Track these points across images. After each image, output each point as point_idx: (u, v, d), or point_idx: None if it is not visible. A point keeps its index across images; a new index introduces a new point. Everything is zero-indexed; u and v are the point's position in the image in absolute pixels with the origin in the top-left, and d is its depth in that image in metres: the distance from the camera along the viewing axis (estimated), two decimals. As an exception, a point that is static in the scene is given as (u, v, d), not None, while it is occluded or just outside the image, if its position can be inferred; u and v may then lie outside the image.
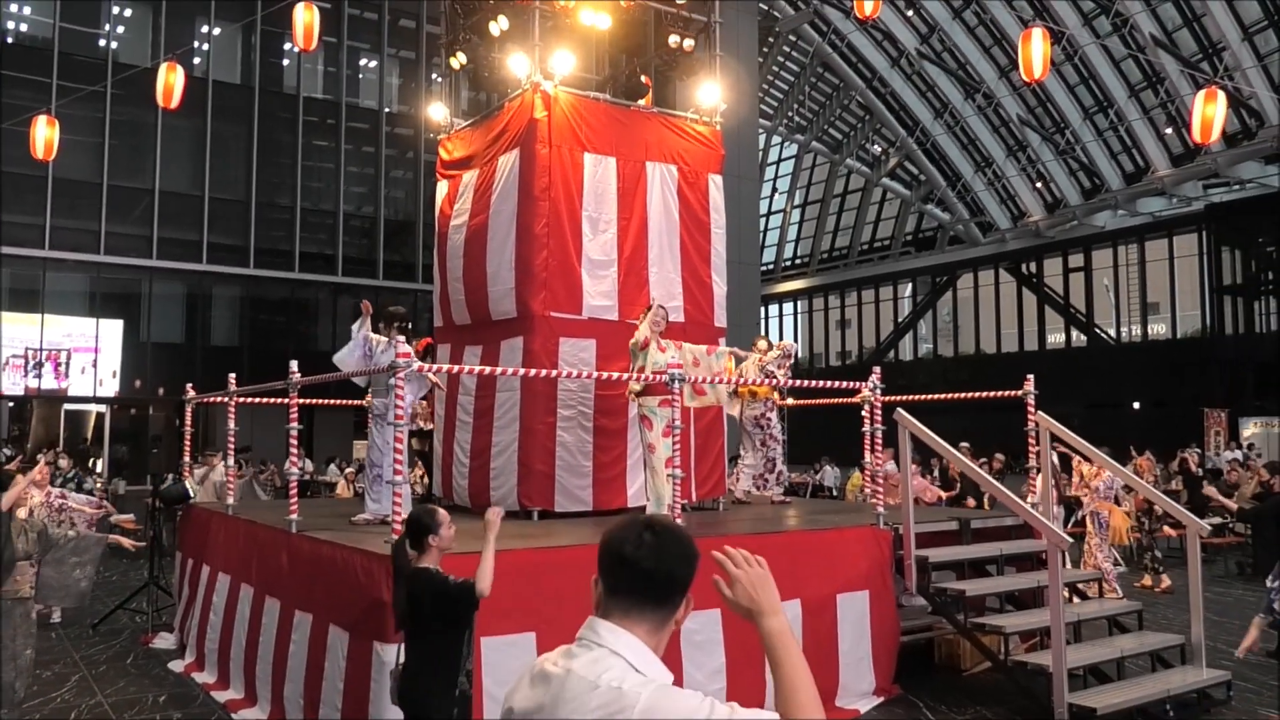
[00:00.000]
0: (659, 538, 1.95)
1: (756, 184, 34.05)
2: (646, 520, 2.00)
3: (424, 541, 4.62)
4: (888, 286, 41.39)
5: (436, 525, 4.63)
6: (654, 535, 1.95)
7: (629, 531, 1.96)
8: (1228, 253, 30.25)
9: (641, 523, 1.98)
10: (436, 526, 4.63)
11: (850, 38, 34.82)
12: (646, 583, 1.92)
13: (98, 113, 24.13)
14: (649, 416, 7.75)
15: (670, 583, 1.94)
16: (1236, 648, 6.78)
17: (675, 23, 9.80)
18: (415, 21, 29.51)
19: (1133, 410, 31.11)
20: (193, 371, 20.94)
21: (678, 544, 1.97)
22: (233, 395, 8.91)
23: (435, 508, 4.89)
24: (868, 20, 9.84)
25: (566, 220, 8.66)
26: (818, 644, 7.15)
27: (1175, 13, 27.45)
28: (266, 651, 7.15)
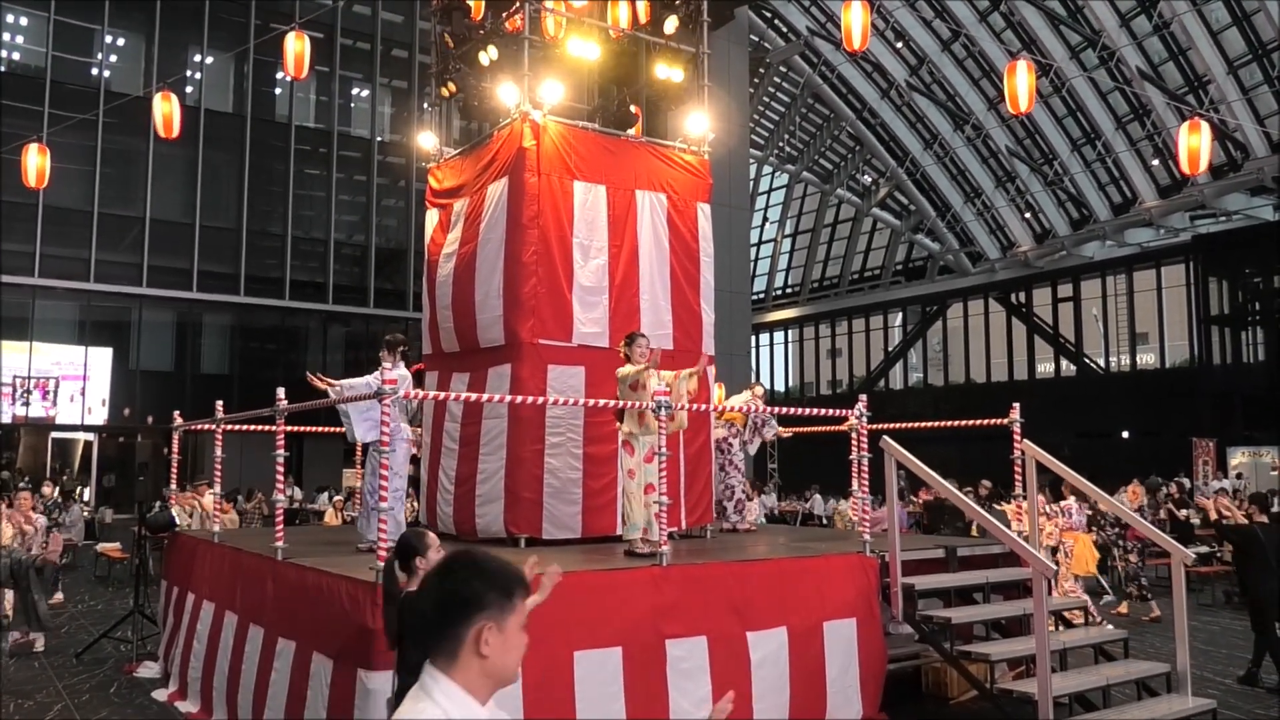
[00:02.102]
0: (426, 583, 2.07)
1: (747, 213, 34.23)
2: (435, 567, 2.10)
3: (411, 564, 4.60)
4: (878, 316, 41.51)
5: (424, 548, 4.60)
6: (423, 582, 2.09)
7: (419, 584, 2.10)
8: (1215, 283, 30.44)
9: (429, 572, 2.10)
10: (424, 549, 4.59)
11: (840, 69, 35.11)
12: (420, 627, 2.04)
13: (89, 141, 24.21)
14: (630, 442, 7.76)
15: (430, 628, 1.99)
16: (1222, 676, 6.78)
17: (664, 53, 9.88)
18: (407, 51, 29.73)
19: (1121, 440, 31.18)
20: (182, 399, 20.90)
21: (428, 590, 2.04)
22: (220, 423, 8.90)
23: (425, 531, 4.87)
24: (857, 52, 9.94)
25: (556, 248, 8.69)
26: (805, 672, 7.13)
27: (1161, 46, 27.76)
28: (249, 680, 7.11)
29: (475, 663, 1.94)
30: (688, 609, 6.71)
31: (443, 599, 1.97)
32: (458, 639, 1.94)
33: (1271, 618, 9.06)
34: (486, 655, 1.94)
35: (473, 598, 1.96)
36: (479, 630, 1.94)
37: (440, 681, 1.93)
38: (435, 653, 1.96)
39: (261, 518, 18.10)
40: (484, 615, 1.95)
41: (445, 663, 1.95)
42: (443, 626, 1.96)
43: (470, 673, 1.94)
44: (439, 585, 2.00)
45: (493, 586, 1.98)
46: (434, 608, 1.98)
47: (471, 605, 1.95)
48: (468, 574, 2.00)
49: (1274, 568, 9.20)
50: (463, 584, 1.98)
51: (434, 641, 1.97)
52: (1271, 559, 9.22)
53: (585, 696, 6.13)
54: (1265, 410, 27.42)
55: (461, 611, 1.95)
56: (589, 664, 6.14)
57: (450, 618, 1.95)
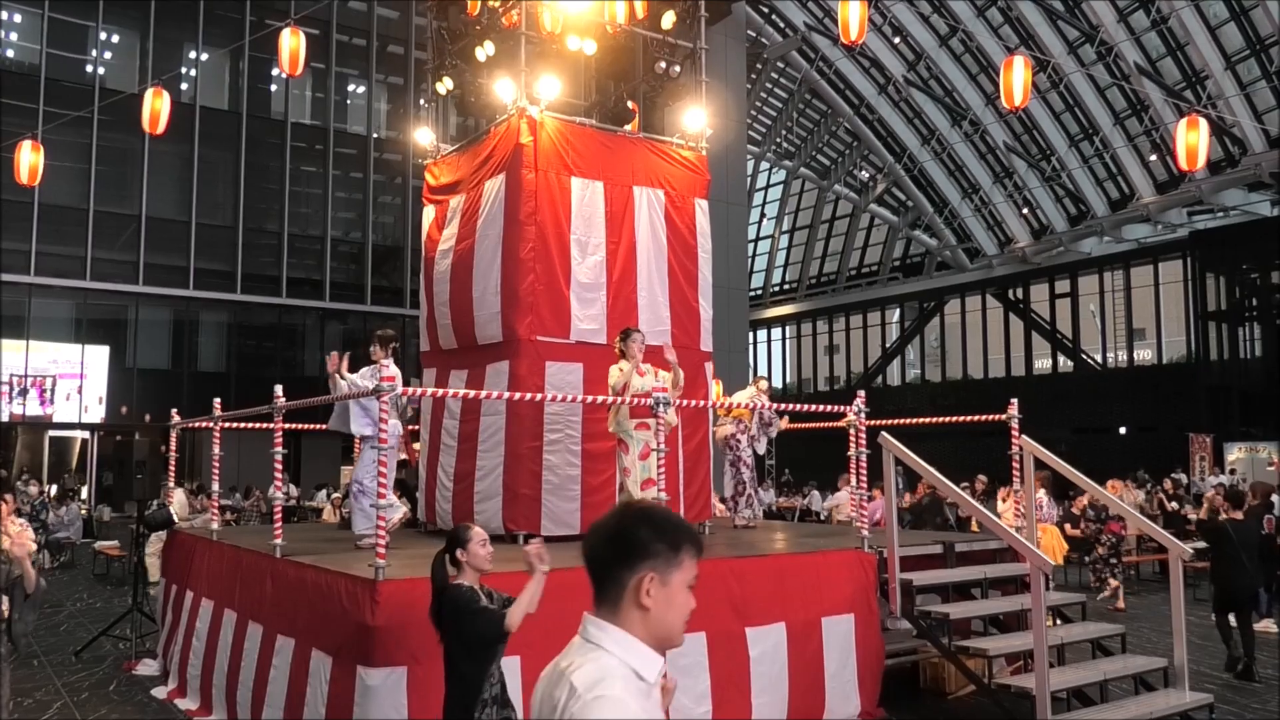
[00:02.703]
0: (600, 523, 2.03)
1: (745, 210, 34.19)
2: (612, 509, 2.08)
3: (455, 556, 4.65)
4: (875, 312, 41.50)
5: (465, 540, 4.64)
6: (597, 523, 2.03)
7: None
8: (1212, 279, 30.44)
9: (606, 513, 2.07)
10: (465, 541, 4.63)
11: (838, 65, 35.08)
12: (590, 569, 1.99)
13: (84, 138, 24.18)
14: (624, 440, 7.75)
15: (599, 565, 1.97)
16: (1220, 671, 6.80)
17: (662, 49, 9.87)
18: (403, 47, 29.68)
19: (1119, 435, 31.21)
20: (179, 397, 20.86)
21: (601, 526, 2.02)
22: (218, 421, 8.88)
23: (471, 524, 4.91)
24: (854, 46, 9.93)
25: (554, 244, 8.69)
26: (803, 667, 7.14)
27: (1159, 42, 27.74)
28: (248, 677, 7.10)
29: (637, 614, 1.93)
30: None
31: (610, 541, 1.97)
32: (620, 584, 1.93)
33: (1243, 610, 9.39)
34: (647, 606, 1.93)
35: (638, 544, 1.94)
36: (641, 579, 1.93)
37: (608, 630, 1.92)
38: (600, 599, 1.95)
39: (259, 515, 18.08)
40: (648, 564, 1.94)
41: (609, 611, 1.94)
42: (609, 569, 1.95)
43: (634, 624, 1.93)
44: (608, 529, 1.99)
45: (660, 537, 1.97)
46: (603, 547, 1.97)
47: (636, 551, 1.94)
48: (637, 520, 1.99)
49: (1244, 563, 9.41)
50: (630, 529, 1.97)
51: (600, 587, 1.96)
52: (1242, 554, 9.42)
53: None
54: (1262, 406, 27.46)
55: (626, 556, 1.94)
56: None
57: (616, 561, 1.94)
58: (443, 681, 4.62)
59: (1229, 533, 9.52)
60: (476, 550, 4.64)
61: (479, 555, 4.65)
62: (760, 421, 10.41)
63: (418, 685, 5.65)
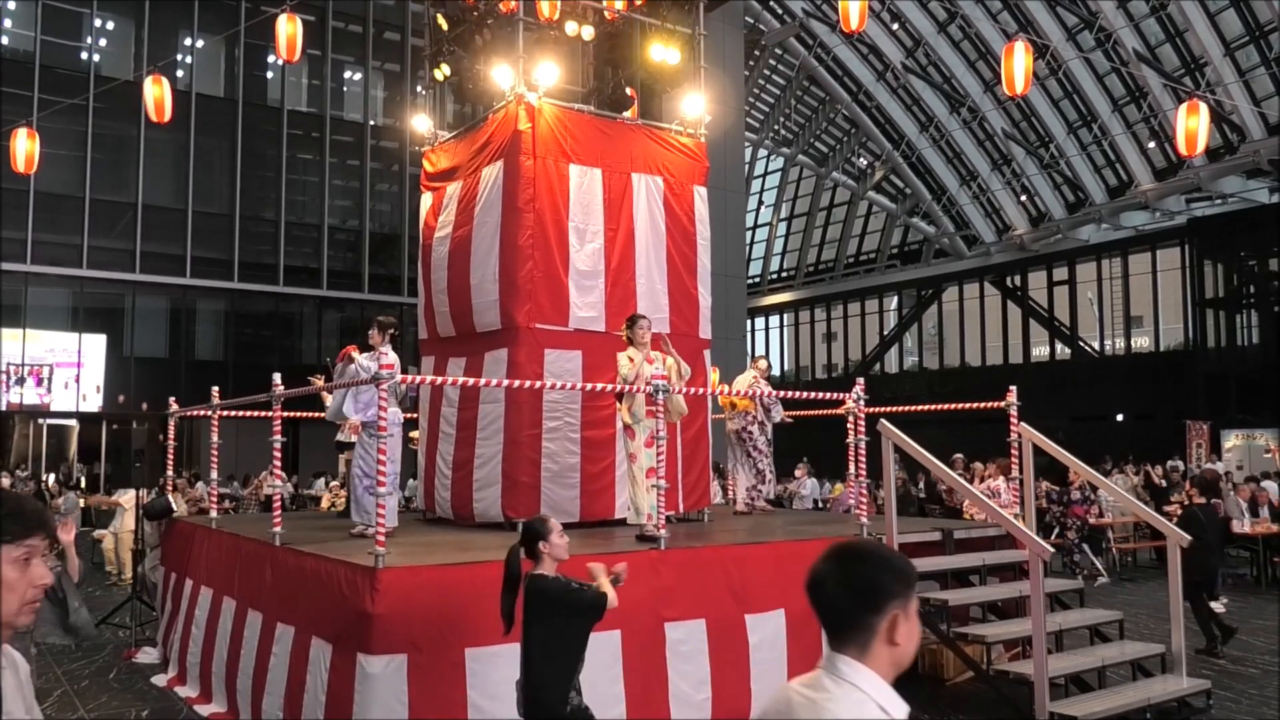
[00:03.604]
0: (828, 567, 2.05)
1: (743, 197, 34.16)
2: (832, 550, 2.09)
3: (536, 549, 4.74)
4: (873, 299, 41.48)
5: (547, 532, 4.76)
6: (826, 564, 2.05)
7: (815, 565, 2.07)
8: (1210, 266, 30.42)
9: (825, 554, 2.08)
10: (547, 533, 4.75)
11: (836, 51, 34.99)
12: (827, 613, 2.03)
13: (80, 126, 24.10)
14: (632, 426, 7.75)
15: (841, 614, 2.02)
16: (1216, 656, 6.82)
17: (660, 35, 9.83)
18: (400, 34, 29.57)
19: (1116, 422, 31.24)
20: (177, 386, 20.88)
21: (833, 575, 2.04)
22: (216, 409, 8.87)
23: (547, 516, 5.03)
24: (853, 34, 9.89)
25: (552, 232, 8.67)
26: (803, 654, 7.14)
27: (1158, 28, 27.67)
28: (247, 664, 7.12)
29: (886, 651, 1.99)
30: (686, 592, 6.72)
31: (857, 588, 2.01)
32: (870, 629, 1.98)
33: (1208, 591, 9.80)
34: (899, 643, 2.00)
35: (884, 588, 2.00)
36: (893, 619, 1.99)
37: (862, 672, 1.98)
38: (845, 642, 2.00)
39: (258, 503, 18.09)
40: (895, 604, 1.99)
41: (857, 651, 1.99)
42: (854, 616, 2.00)
43: (881, 661, 1.99)
44: (849, 574, 2.02)
45: (900, 578, 2.03)
46: (846, 596, 2.01)
47: (884, 594, 2.00)
48: (877, 566, 2.04)
49: (1214, 546, 9.80)
50: (872, 577, 2.02)
51: (845, 631, 2.00)
52: (1210, 538, 9.73)
53: (585, 679, 6.12)
54: (1259, 393, 27.47)
55: (875, 601, 1.99)
56: (588, 647, 6.14)
57: (864, 607, 1.99)
58: (444, 668, 4.63)
59: (1200, 518, 9.79)
60: (557, 541, 4.78)
61: (560, 545, 4.79)
62: (764, 408, 10.40)
63: (418, 673, 5.66)
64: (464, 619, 5.82)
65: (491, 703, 5.79)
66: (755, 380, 10.27)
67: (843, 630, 2.01)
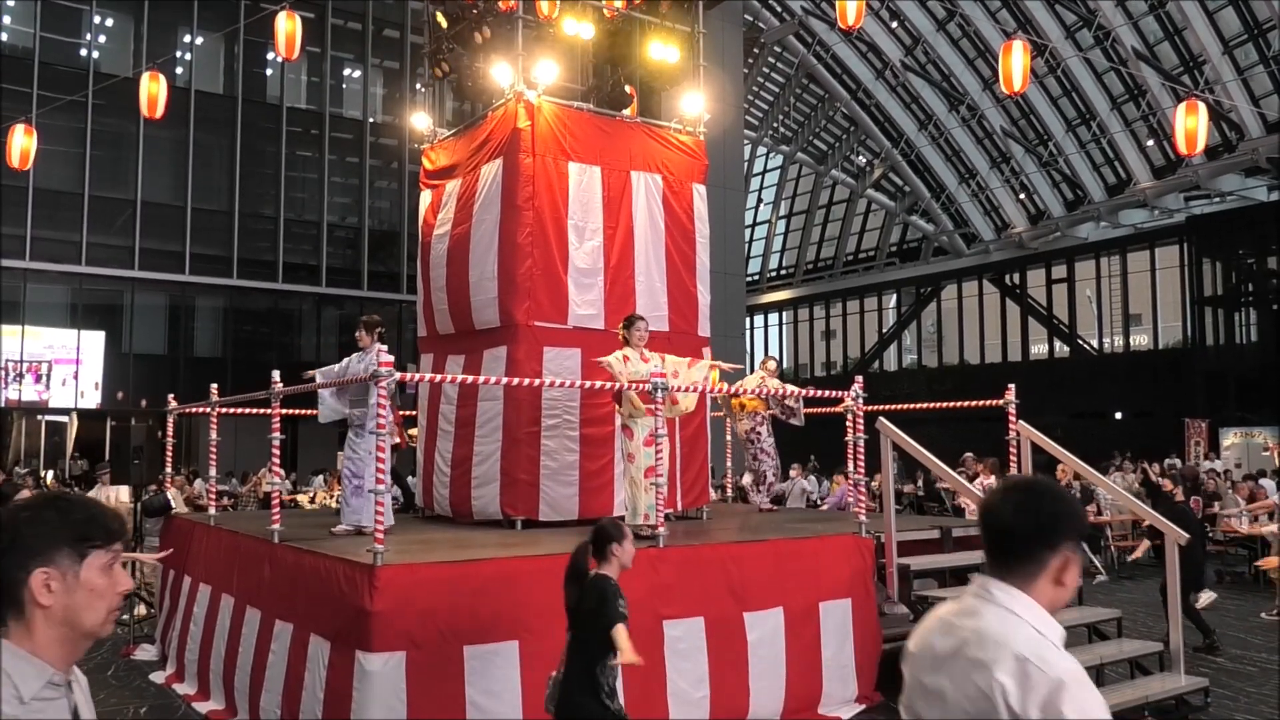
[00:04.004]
0: (1010, 497, 2.06)
1: (742, 195, 34.15)
2: (1015, 481, 2.14)
3: (607, 550, 4.77)
4: (872, 297, 41.48)
5: (621, 536, 4.82)
6: (1005, 495, 2.07)
7: (993, 493, 2.09)
8: (1209, 264, 30.43)
9: (1008, 484, 2.13)
10: (622, 538, 4.81)
11: (835, 49, 34.98)
12: (1000, 540, 2.03)
13: (79, 123, 24.06)
14: (630, 425, 7.75)
15: (1018, 540, 2.01)
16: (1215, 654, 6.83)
17: (659, 33, 9.84)
18: (399, 31, 29.54)
19: (1115, 420, 31.25)
20: (175, 383, 20.83)
21: (1030, 502, 2.04)
22: (215, 406, 8.87)
23: (621, 523, 5.11)
24: (851, 31, 9.88)
25: (551, 229, 8.67)
26: (801, 651, 7.16)
27: (1157, 26, 27.66)
28: (245, 661, 7.12)
29: (1050, 590, 2.01)
30: (685, 590, 6.73)
31: (1040, 521, 2.00)
32: (1042, 564, 1.99)
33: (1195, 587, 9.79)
34: (1065, 584, 2.01)
35: (1065, 526, 2.02)
36: (1065, 559, 2.00)
37: (1018, 597, 1.98)
38: (1009, 572, 2.00)
39: (256, 501, 18.08)
40: (1069, 545, 2.01)
41: (1019, 580, 1.99)
42: (1030, 547, 2.00)
43: (1044, 598, 2.00)
44: (1035, 506, 2.02)
45: (1079, 521, 2.07)
46: (1027, 526, 2.01)
47: (1062, 532, 2.01)
48: (1062, 503, 2.05)
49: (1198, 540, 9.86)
50: (1059, 510, 2.03)
51: (1014, 561, 2.01)
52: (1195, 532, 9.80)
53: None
54: (1258, 391, 27.48)
55: (1053, 537, 2.00)
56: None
57: (1042, 541, 2.00)
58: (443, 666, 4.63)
59: (1187, 512, 10.01)
60: (629, 548, 4.84)
61: (630, 553, 4.85)
62: (785, 408, 10.36)
63: (416, 670, 5.67)
64: (463, 616, 5.82)
65: (490, 700, 5.80)
66: (763, 381, 10.26)
67: (1012, 560, 2.00)
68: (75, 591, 1.82)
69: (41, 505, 1.85)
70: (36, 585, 1.79)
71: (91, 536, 1.84)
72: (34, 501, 1.87)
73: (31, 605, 1.80)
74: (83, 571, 1.83)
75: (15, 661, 1.77)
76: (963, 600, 2.05)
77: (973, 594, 2.03)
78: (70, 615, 1.82)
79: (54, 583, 1.80)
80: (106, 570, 1.87)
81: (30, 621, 1.80)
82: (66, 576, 1.81)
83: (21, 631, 1.80)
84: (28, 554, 1.79)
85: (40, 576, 1.79)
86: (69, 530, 1.82)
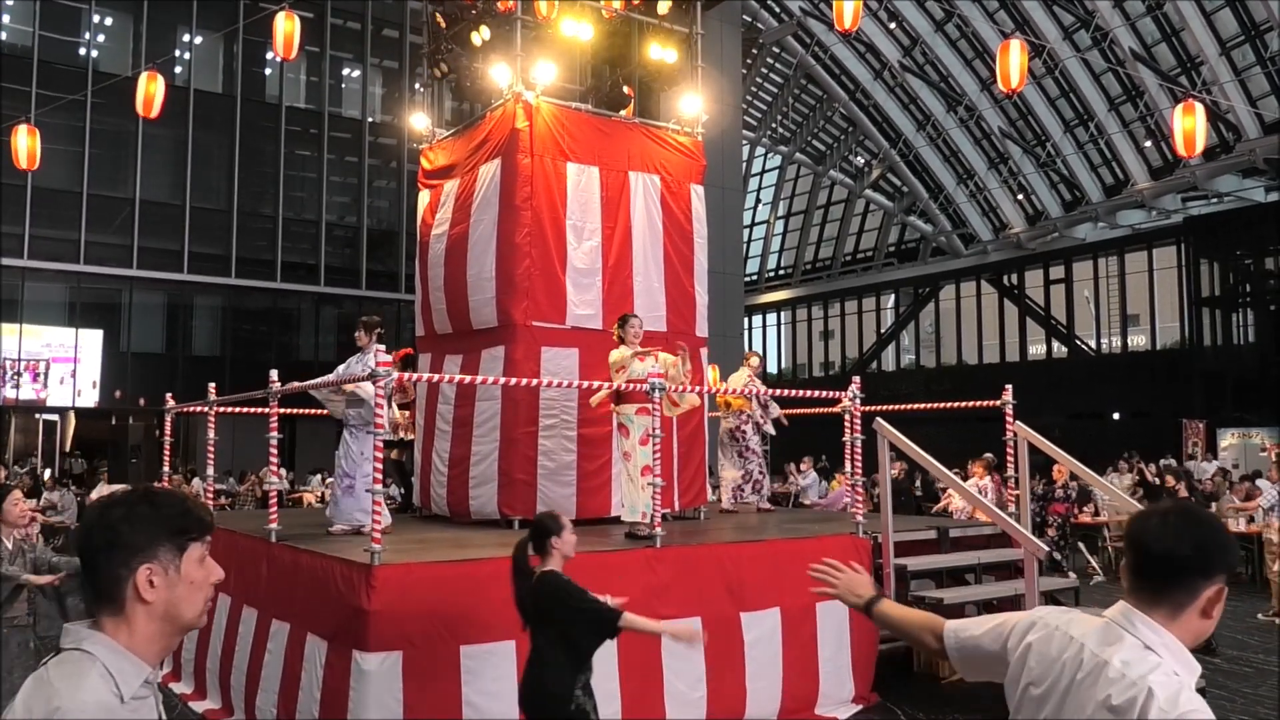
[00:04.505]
0: (1169, 520, 1.97)
1: (740, 195, 34.14)
2: (1169, 505, 2.03)
3: (546, 544, 4.72)
4: (870, 298, 41.49)
5: (559, 528, 4.76)
6: (1164, 518, 1.98)
7: (1147, 516, 2.01)
8: (1206, 265, 30.44)
9: (1163, 508, 2.02)
10: (559, 529, 4.75)
11: (833, 50, 34.98)
12: (1154, 566, 1.95)
13: (78, 121, 24.03)
14: (626, 425, 7.76)
15: (1171, 565, 1.94)
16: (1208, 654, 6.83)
17: (657, 33, 9.85)
18: (398, 31, 29.54)
19: (1112, 421, 31.27)
20: (174, 382, 20.81)
21: (1190, 527, 1.96)
22: (213, 405, 8.87)
23: (558, 513, 5.01)
24: (849, 33, 9.89)
25: (549, 229, 8.68)
26: (798, 652, 7.17)
27: (1154, 27, 27.68)
28: (242, 661, 7.12)
29: (1196, 622, 1.94)
30: (682, 590, 6.73)
31: (1198, 548, 1.93)
32: (1195, 593, 1.92)
33: None
34: (1211, 617, 1.94)
35: (1221, 557, 1.95)
36: (1218, 590, 1.93)
37: (1163, 634, 1.92)
38: (1159, 601, 1.94)
39: (255, 500, 18.09)
40: (1221, 577, 1.94)
41: (1168, 614, 1.93)
42: (1185, 575, 1.93)
43: (1188, 631, 1.94)
44: (1194, 533, 1.95)
45: (1232, 554, 1.99)
46: (1185, 552, 1.93)
47: (1218, 564, 1.94)
48: (1218, 533, 1.98)
49: None
50: (1217, 540, 1.96)
51: (1166, 588, 1.94)
52: None
53: (579, 677, 6.15)
54: (1255, 391, 27.51)
55: (1209, 567, 1.93)
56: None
57: (1198, 569, 1.93)
58: (440, 666, 4.64)
59: None
60: (568, 538, 4.77)
61: (570, 543, 4.78)
62: (761, 405, 10.43)
63: (413, 670, 5.67)
64: (460, 616, 5.83)
65: (487, 700, 5.80)
66: (750, 379, 10.30)
67: (1163, 588, 1.93)
68: (176, 585, 1.84)
69: (134, 501, 1.86)
70: (141, 581, 1.80)
71: (188, 529, 1.87)
72: (124, 498, 1.88)
73: (134, 602, 1.81)
74: (183, 565, 1.86)
75: (116, 659, 1.77)
76: (1103, 624, 1.97)
77: (1114, 620, 1.96)
78: (171, 609, 1.84)
79: (157, 578, 1.82)
80: (202, 562, 1.90)
81: (131, 618, 1.81)
82: (168, 571, 1.83)
83: (119, 628, 1.81)
84: (130, 551, 1.80)
85: (144, 572, 1.80)
86: (167, 525, 1.85)
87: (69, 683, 1.72)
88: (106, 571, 1.80)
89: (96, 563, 1.81)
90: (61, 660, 1.76)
